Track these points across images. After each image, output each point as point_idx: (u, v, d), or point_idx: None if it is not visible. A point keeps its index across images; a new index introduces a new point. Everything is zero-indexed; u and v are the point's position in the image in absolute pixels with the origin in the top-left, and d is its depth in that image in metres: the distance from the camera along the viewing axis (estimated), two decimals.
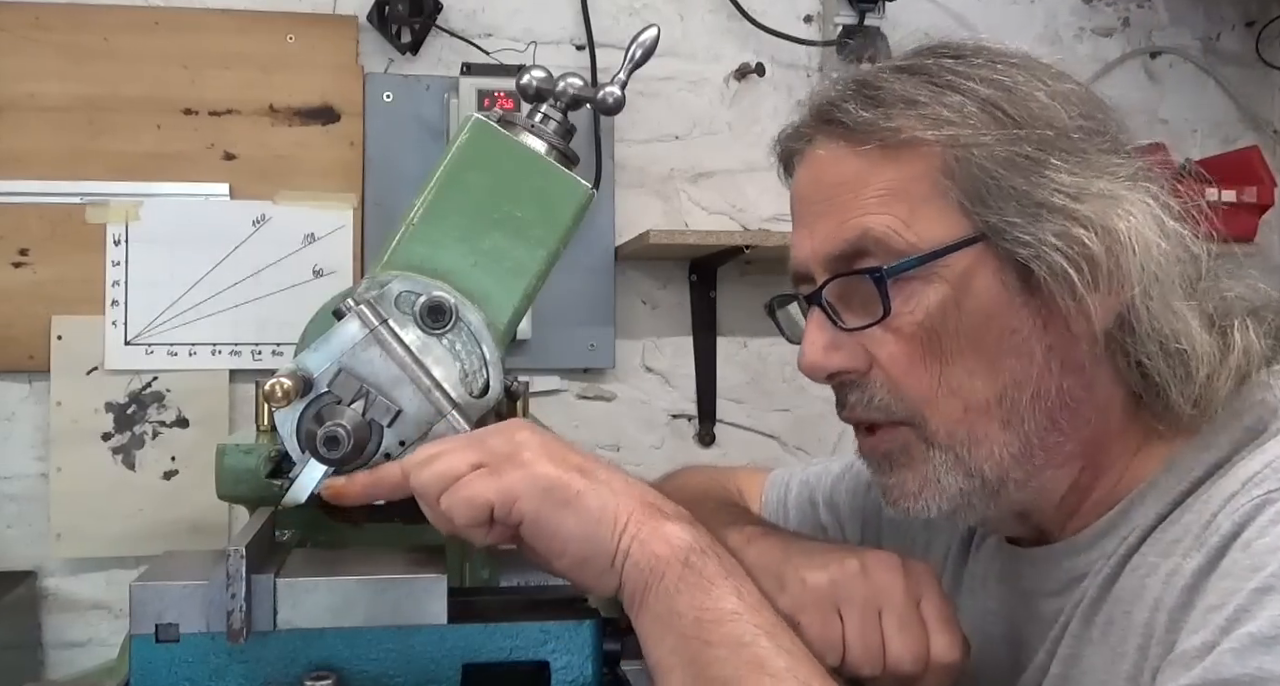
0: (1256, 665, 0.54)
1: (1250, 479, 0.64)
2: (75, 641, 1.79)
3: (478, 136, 0.78)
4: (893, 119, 0.70)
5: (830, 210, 0.72)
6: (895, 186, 0.70)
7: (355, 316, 0.72)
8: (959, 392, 0.69)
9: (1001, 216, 0.67)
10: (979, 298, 0.68)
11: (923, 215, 0.69)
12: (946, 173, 0.69)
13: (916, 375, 0.70)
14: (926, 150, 0.69)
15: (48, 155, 1.78)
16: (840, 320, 0.72)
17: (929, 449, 0.71)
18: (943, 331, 0.69)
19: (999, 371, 0.69)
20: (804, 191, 0.76)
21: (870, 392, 0.72)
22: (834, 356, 0.72)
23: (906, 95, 0.70)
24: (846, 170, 0.72)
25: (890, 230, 0.69)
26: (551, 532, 0.64)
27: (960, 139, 0.68)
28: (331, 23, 1.87)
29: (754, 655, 0.59)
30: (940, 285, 0.69)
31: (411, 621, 0.69)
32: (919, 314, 0.69)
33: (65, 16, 1.78)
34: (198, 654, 0.67)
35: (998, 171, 0.68)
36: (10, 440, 1.79)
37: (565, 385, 1.96)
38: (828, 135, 0.74)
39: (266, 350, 1.83)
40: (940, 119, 0.69)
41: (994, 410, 0.69)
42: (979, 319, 0.68)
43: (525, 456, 0.65)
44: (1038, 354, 0.69)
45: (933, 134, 0.69)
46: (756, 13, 1.99)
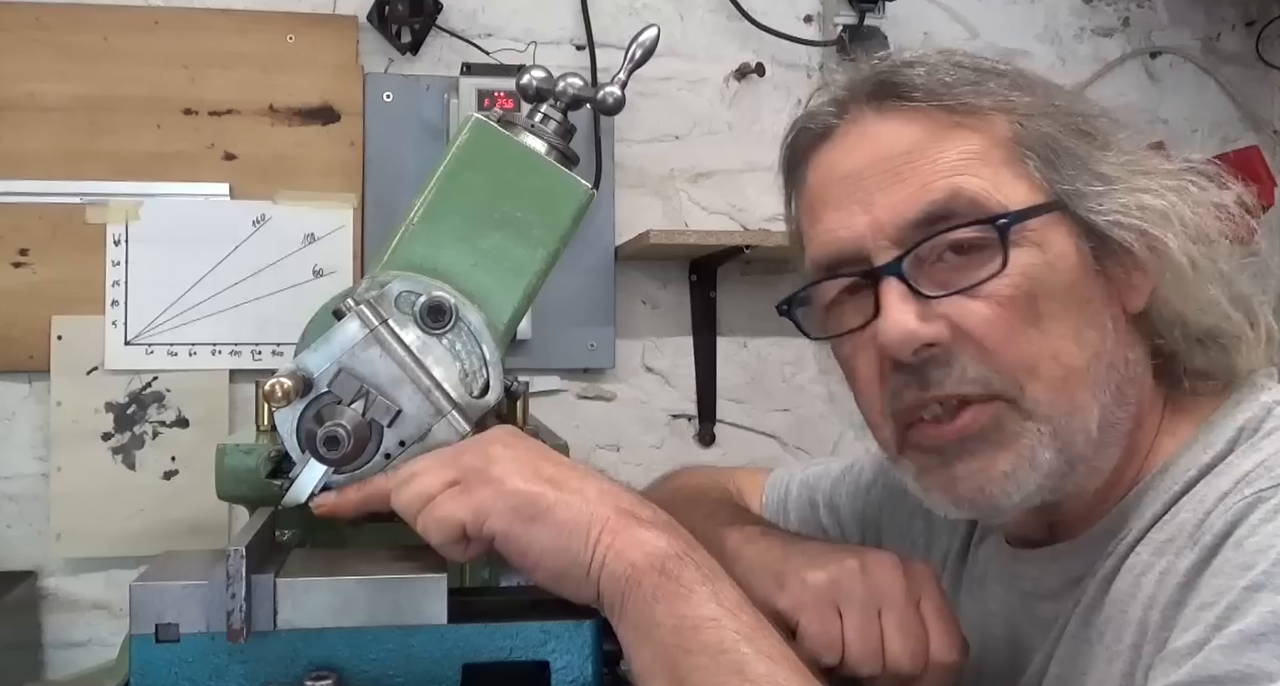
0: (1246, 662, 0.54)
1: (1243, 478, 0.64)
2: (75, 641, 1.79)
3: (478, 136, 0.78)
4: (958, 86, 0.70)
5: (897, 179, 0.70)
6: (975, 151, 0.70)
7: (355, 316, 0.72)
8: (1059, 357, 0.68)
9: (1074, 185, 0.69)
10: (1065, 264, 0.69)
11: (1006, 180, 0.69)
12: (1019, 140, 0.70)
13: (1017, 340, 0.68)
14: (994, 119, 0.70)
15: (48, 155, 1.78)
16: (923, 290, 0.69)
17: (1026, 421, 0.68)
18: (1039, 294, 0.68)
19: (1084, 338, 0.69)
20: (847, 168, 0.73)
21: (961, 365, 0.68)
22: (927, 327, 0.68)
23: (958, 74, 0.71)
24: (910, 137, 0.70)
25: (983, 190, 0.69)
26: (524, 548, 0.64)
27: (1026, 107, 0.70)
28: (331, 23, 1.87)
29: (734, 661, 0.58)
30: (1032, 250, 0.68)
31: (411, 621, 0.69)
32: (1015, 275, 0.68)
33: (65, 16, 1.78)
34: (198, 654, 0.67)
35: (1065, 141, 0.69)
36: (10, 440, 1.78)
37: (565, 385, 1.96)
38: (881, 108, 0.72)
39: (266, 350, 1.83)
40: (1000, 91, 0.70)
41: (1086, 378, 0.68)
42: (1066, 283, 0.69)
43: (495, 472, 0.65)
44: (1108, 324, 0.69)
45: (1000, 102, 0.70)
46: (756, 13, 1.99)
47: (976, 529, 0.86)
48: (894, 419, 0.73)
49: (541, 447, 0.68)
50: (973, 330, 0.68)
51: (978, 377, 0.68)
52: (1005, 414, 0.68)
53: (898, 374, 0.71)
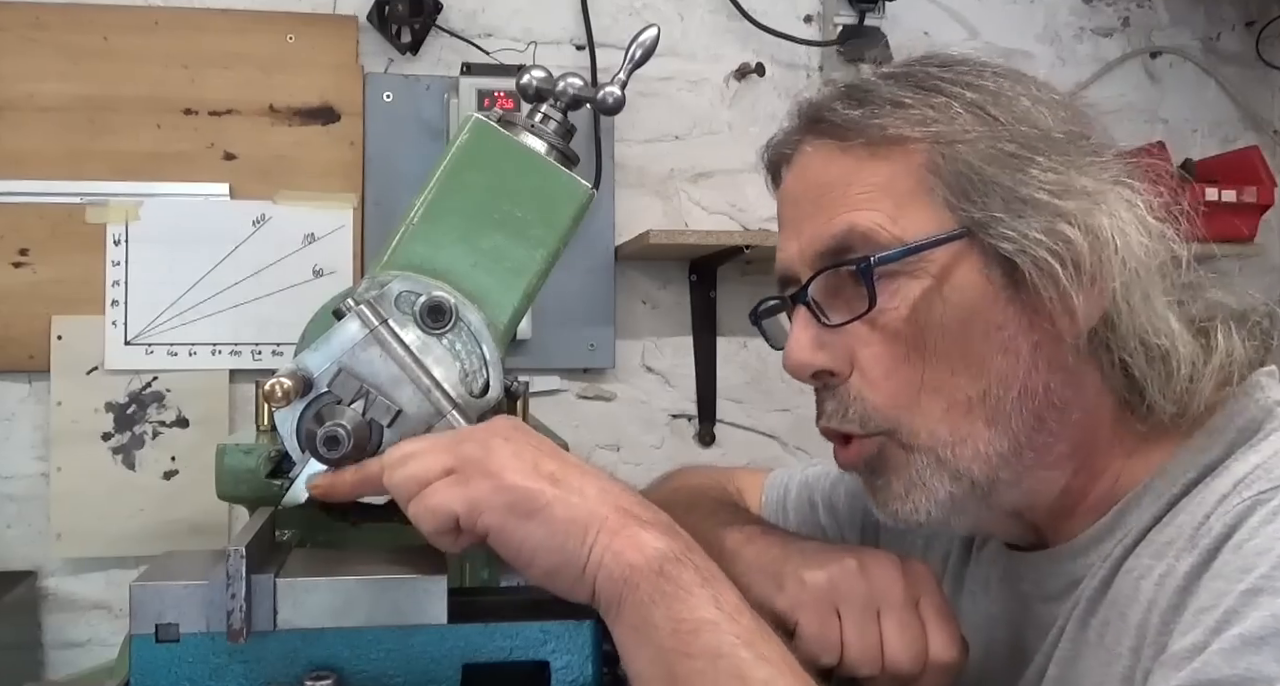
0: (1245, 665, 0.54)
1: (1242, 480, 0.64)
2: (75, 641, 1.79)
3: (478, 136, 0.78)
4: (879, 117, 0.71)
5: (817, 210, 0.73)
6: (881, 183, 0.70)
7: (355, 316, 0.72)
8: (941, 391, 0.69)
9: (986, 212, 0.68)
10: (964, 292, 0.69)
11: (908, 211, 0.69)
12: (932, 169, 0.69)
13: (898, 375, 0.70)
14: (912, 147, 0.70)
15: (48, 155, 1.78)
16: (826, 317, 0.72)
17: (908, 454, 0.70)
18: (927, 326, 0.69)
19: (984, 368, 0.68)
20: (791, 194, 0.77)
21: (846, 402, 0.71)
22: (819, 354, 0.71)
23: (893, 97, 0.71)
24: (833, 170, 0.73)
25: (876, 225, 0.69)
26: (518, 545, 0.63)
27: (945, 136, 0.69)
28: (331, 23, 1.88)
29: (733, 666, 0.58)
30: (925, 279, 0.69)
31: (411, 621, 0.69)
32: (904, 309, 0.69)
33: (65, 16, 1.78)
34: (198, 654, 0.67)
35: (982, 167, 0.68)
36: (10, 440, 1.79)
37: (565, 385, 1.96)
38: (816, 136, 0.75)
39: (266, 350, 1.83)
40: (925, 118, 0.70)
41: (977, 408, 0.69)
42: (964, 314, 0.68)
43: (494, 465, 0.64)
44: (1024, 351, 0.69)
45: (918, 131, 0.70)
46: (756, 13, 1.99)
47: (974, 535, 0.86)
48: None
49: (543, 442, 0.68)
50: (861, 362, 0.71)
51: (857, 416, 0.71)
52: (886, 446, 0.71)
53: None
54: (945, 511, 0.70)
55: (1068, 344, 0.69)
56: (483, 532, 0.64)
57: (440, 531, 0.65)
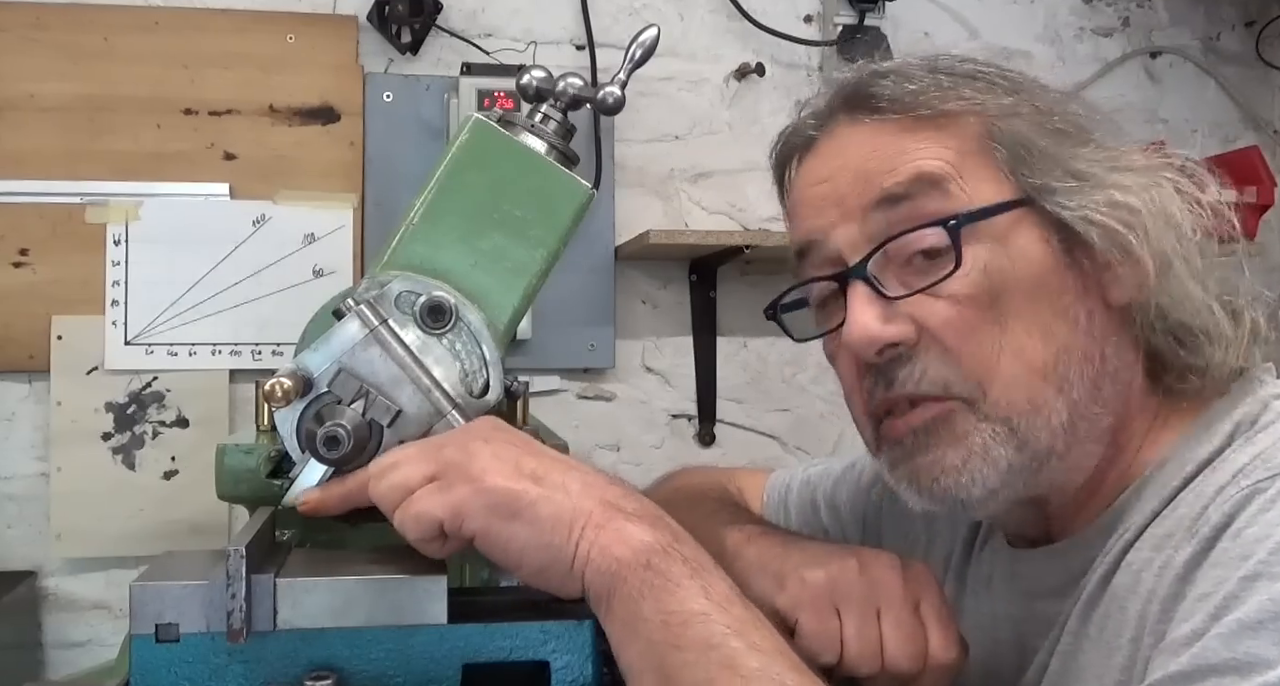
0: (1244, 649, 0.54)
1: (1240, 470, 0.64)
2: (75, 641, 1.79)
3: (478, 136, 0.78)
4: (927, 94, 0.71)
5: (864, 180, 0.72)
6: (941, 138, 0.71)
7: (355, 316, 0.72)
8: (1021, 355, 0.69)
9: (1045, 181, 0.69)
10: (1030, 258, 0.69)
11: (971, 171, 0.70)
12: (990, 136, 0.70)
13: (978, 339, 0.69)
14: (964, 119, 0.71)
15: (48, 155, 1.78)
16: (886, 291, 0.71)
17: (980, 421, 0.69)
18: (1001, 291, 0.69)
19: (1052, 334, 0.69)
20: (823, 174, 0.75)
21: (924, 365, 0.70)
22: (889, 328, 0.70)
23: (935, 80, 0.72)
24: (880, 143, 0.72)
25: (945, 174, 0.70)
26: (504, 546, 0.63)
27: (995, 109, 0.71)
28: (331, 23, 1.88)
29: (724, 656, 0.57)
30: (994, 246, 0.69)
31: (411, 621, 0.69)
32: (975, 272, 0.69)
33: (65, 16, 1.78)
34: (198, 654, 0.67)
35: (1037, 140, 0.70)
36: (10, 440, 1.79)
37: (565, 385, 1.96)
38: (855, 116, 0.74)
39: (266, 350, 1.83)
40: (972, 96, 0.71)
41: (1051, 374, 0.69)
42: (1031, 281, 0.69)
43: (475, 468, 0.64)
44: (1082, 319, 0.70)
45: (969, 106, 0.71)
46: (756, 13, 1.99)
47: (980, 530, 0.86)
48: (870, 417, 0.75)
49: (524, 440, 0.67)
50: (935, 329, 0.70)
51: (937, 379, 0.70)
52: (958, 412, 0.70)
53: (870, 373, 0.73)
54: (1000, 483, 0.69)
55: (1116, 314, 0.71)
56: (468, 537, 0.64)
57: (425, 538, 0.65)
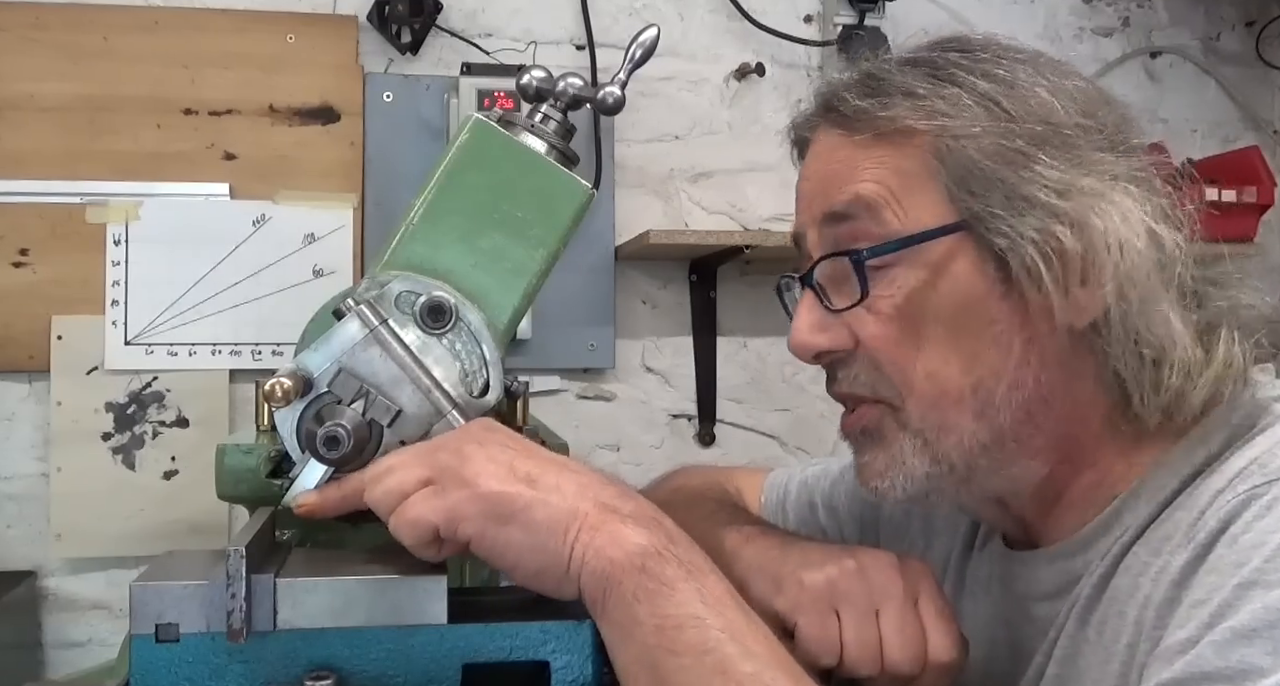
0: (1238, 657, 0.54)
1: (1237, 475, 0.64)
2: (75, 641, 1.79)
3: (478, 136, 0.78)
4: (888, 108, 0.72)
5: (826, 187, 0.75)
6: (888, 162, 0.72)
7: (355, 316, 0.72)
8: (934, 378, 0.70)
9: (986, 206, 0.69)
10: (958, 285, 0.70)
11: (912, 196, 0.71)
12: (937, 158, 0.70)
13: (896, 356, 0.71)
14: (919, 138, 0.71)
15: (48, 155, 1.78)
16: (829, 301, 0.74)
17: (900, 430, 0.72)
18: (920, 316, 0.70)
19: (976, 361, 0.70)
20: (806, 172, 0.79)
21: (856, 370, 0.73)
22: (820, 336, 0.73)
23: (905, 86, 0.72)
24: (842, 156, 0.74)
25: (881, 199, 0.71)
26: (500, 550, 0.64)
27: (951, 129, 0.70)
28: (331, 23, 1.88)
29: (718, 662, 0.58)
30: (921, 271, 0.70)
31: (411, 621, 0.69)
32: (899, 297, 0.70)
33: (65, 16, 1.78)
34: (198, 654, 0.67)
35: (985, 162, 0.69)
36: (10, 440, 1.79)
37: (565, 385, 1.96)
38: (829, 124, 0.76)
39: (266, 350, 1.83)
40: (934, 109, 0.71)
41: (968, 399, 0.70)
42: (957, 306, 0.70)
43: (469, 472, 0.64)
44: (1015, 346, 0.69)
45: (925, 123, 0.70)
46: (756, 13, 1.99)
47: (979, 532, 0.86)
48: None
49: (520, 441, 0.68)
50: (864, 342, 0.73)
51: (867, 382, 0.73)
52: (885, 418, 0.73)
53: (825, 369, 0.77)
54: (921, 490, 0.72)
55: (1060, 341, 0.70)
56: (464, 541, 0.64)
57: (421, 543, 0.65)
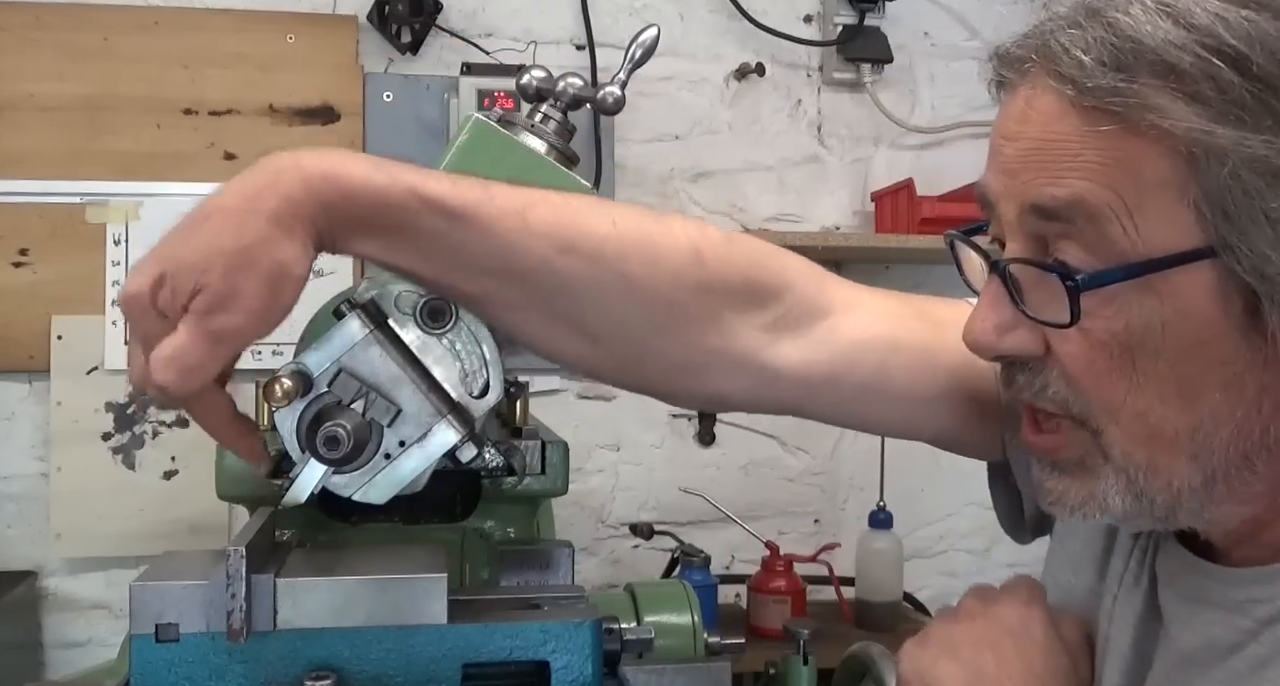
0: None
1: None
2: (75, 641, 1.80)
3: (478, 136, 0.78)
4: (1137, 92, 0.55)
5: (1039, 160, 0.60)
6: (1123, 160, 0.57)
7: (355, 316, 0.72)
8: (1145, 417, 0.60)
9: (1244, 237, 0.55)
10: (1194, 321, 0.57)
11: (1148, 206, 0.57)
12: (1191, 165, 0.55)
13: (1101, 386, 0.60)
14: (1165, 137, 0.56)
15: (48, 155, 1.78)
16: (1024, 302, 0.61)
17: (1104, 463, 0.61)
18: (1140, 350, 0.58)
19: (1199, 403, 0.59)
20: (1010, 129, 0.63)
21: (1045, 380, 0.62)
22: (1007, 339, 0.62)
23: (1164, 59, 0.55)
24: (1063, 128, 0.59)
25: (1110, 209, 0.57)
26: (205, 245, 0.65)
27: (1218, 135, 0.54)
28: (331, 22, 1.88)
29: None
30: (1150, 300, 0.57)
31: (411, 621, 0.69)
32: (1117, 324, 0.58)
33: (65, 16, 1.78)
34: (198, 654, 0.67)
35: (1255, 183, 0.55)
36: (10, 440, 1.79)
37: (565, 385, 1.96)
38: (1051, 76, 0.59)
39: (266, 350, 1.81)
40: (1196, 97, 0.55)
41: (1183, 442, 0.59)
42: (1188, 344, 0.58)
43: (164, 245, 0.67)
44: (1249, 390, 0.58)
45: (1186, 122, 0.55)
46: (756, 13, 1.99)
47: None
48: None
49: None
50: (1061, 357, 0.61)
51: (1058, 398, 0.62)
52: (1089, 448, 0.62)
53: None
54: (1114, 521, 0.64)
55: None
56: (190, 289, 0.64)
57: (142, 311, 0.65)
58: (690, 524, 1.95)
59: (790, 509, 2.04)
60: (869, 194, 2.04)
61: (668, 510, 1.97)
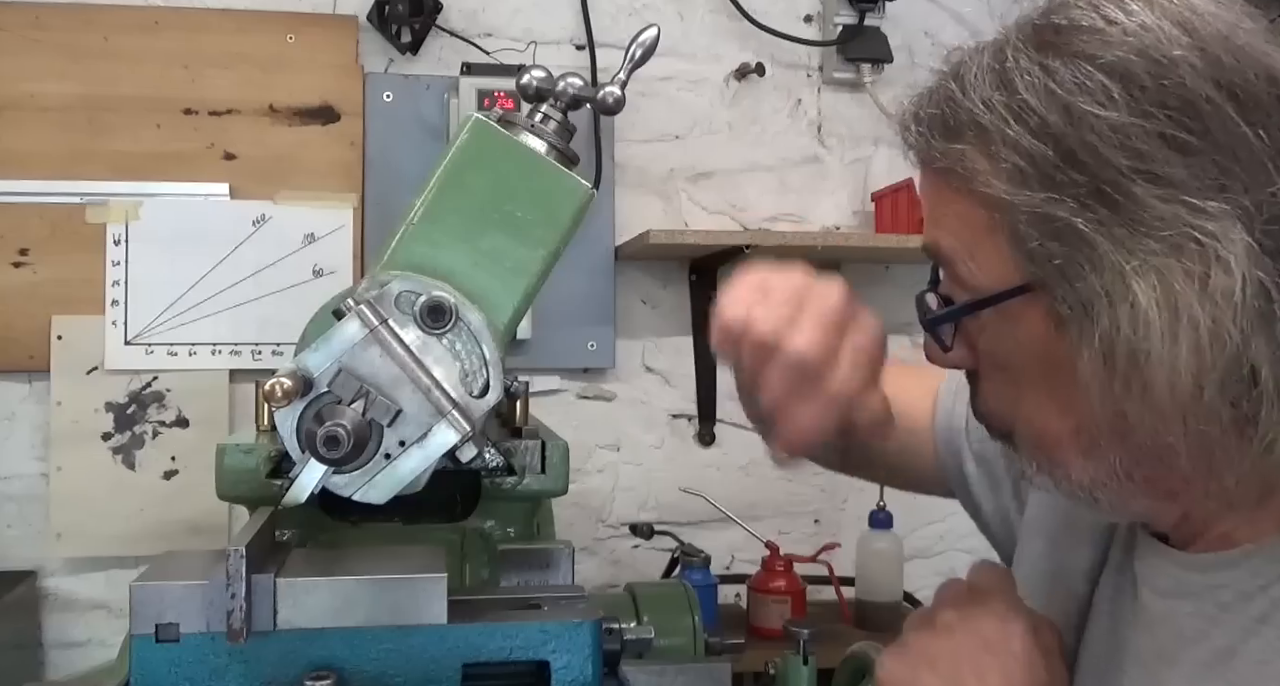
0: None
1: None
2: (75, 641, 1.80)
3: (478, 136, 0.78)
4: (949, 156, 0.66)
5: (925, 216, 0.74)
6: (959, 214, 0.68)
7: (355, 316, 0.72)
8: (1031, 423, 0.69)
9: (1049, 275, 0.63)
10: (1039, 342, 0.66)
11: (981, 251, 0.68)
12: (1004, 215, 0.65)
13: (999, 396, 0.71)
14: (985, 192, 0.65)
15: (48, 155, 1.78)
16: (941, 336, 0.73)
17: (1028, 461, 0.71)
18: (1010, 366, 0.69)
19: (1071, 409, 0.66)
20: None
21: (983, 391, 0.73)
22: (942, 358, 0.73)
23: (978, 119, 0.64)
24: (926, 187, 0.72)
25: (955, 253, 0.69)
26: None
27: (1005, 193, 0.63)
28: (331, 22, 1.88)
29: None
30: (1008, 324, 0.68)
31: (411, 621, 0.69)
32: (985, 345, 0.70)
33: (65, 16, 1.78)
34: (198, 654, 0.67)
35: (1042, 228, 0.63)
36: (10, 440, 1.79)
37: (565, 385, 1.96)
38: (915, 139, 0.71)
39: (266, 350, 1.83)
40: (999, 159, 0.63)
41: (1069, 441, 0.67)
42: (1042, 361, 0.67)
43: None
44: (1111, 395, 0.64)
45: (982, 188, 0.65)
46: (756, 13, 1.99)
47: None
48: None
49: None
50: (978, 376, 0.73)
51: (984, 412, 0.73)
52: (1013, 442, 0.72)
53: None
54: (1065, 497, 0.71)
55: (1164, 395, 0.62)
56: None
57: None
58: (690, 524, 1.95)
59: (790, 509, 2.04)
60: (869, 194, 2.04)
61: (668, 510, 1.97)
